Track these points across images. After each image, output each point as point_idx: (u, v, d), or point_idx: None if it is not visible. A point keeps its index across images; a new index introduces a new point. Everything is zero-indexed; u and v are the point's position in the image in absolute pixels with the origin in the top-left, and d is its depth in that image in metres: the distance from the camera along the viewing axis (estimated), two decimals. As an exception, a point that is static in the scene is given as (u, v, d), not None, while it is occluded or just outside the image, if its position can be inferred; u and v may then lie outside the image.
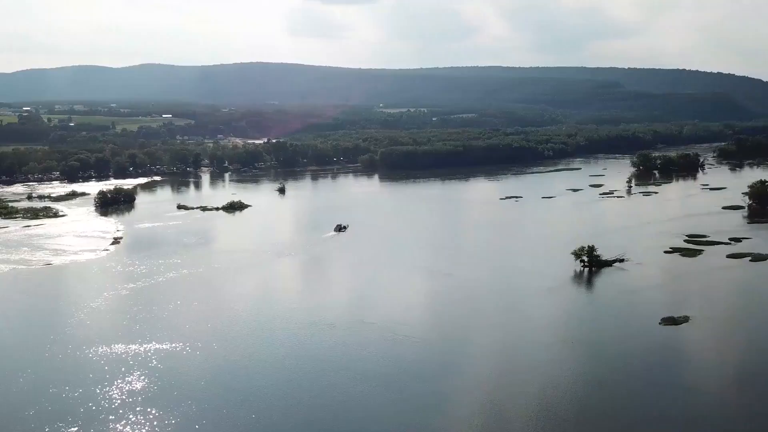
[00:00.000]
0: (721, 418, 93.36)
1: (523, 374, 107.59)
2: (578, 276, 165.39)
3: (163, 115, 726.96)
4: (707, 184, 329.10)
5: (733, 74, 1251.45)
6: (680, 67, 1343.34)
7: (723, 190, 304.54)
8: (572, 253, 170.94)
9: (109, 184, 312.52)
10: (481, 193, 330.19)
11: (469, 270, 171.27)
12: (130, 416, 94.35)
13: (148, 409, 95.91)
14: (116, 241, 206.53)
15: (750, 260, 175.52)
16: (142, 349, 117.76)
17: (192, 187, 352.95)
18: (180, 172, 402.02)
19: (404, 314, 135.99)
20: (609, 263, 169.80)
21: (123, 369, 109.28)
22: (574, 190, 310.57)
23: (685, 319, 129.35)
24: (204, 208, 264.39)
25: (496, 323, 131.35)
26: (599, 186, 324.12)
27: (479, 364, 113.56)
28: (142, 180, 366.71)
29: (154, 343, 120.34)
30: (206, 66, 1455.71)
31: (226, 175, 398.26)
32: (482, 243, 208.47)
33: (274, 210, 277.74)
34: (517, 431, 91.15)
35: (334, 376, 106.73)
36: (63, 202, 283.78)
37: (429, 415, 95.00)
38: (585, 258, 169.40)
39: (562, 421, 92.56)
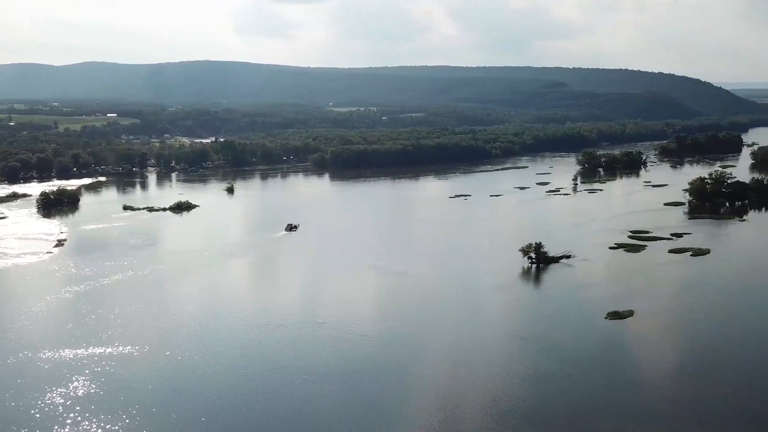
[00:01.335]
0: (665, 410, 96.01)
1: (473, 370, 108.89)
2: (526, 272, 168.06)
3: (108, 115, 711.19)
4: (650, 182, 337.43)
5: (673, 74, 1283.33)
6: (623, 67, 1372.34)
7: (665, 187, 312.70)
8: (520, 250, 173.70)
9: (52, 185, 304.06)
10: (431, 191, 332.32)
11: (419, 268, 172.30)
12: (75, 422, 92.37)
13: (94, 415, 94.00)
14: (60, 243, 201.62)
15: (691, 255, 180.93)
16: (87, 353, 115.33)
17: (138, 187, 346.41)
18: (125, 172, 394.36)
19: (356, 313, 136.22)
20: (556, 260, 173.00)
21: (67, 374, 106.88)
22: (522, 188, 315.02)
23: (630, 314, 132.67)
24: (151, 209, 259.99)
25: (446, 320, 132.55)
26: (546, 184, 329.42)
27: (431, 361, 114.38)
28: (87, 180, 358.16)
29: (99, 346, 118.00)
30: (152, 64, 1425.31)
31: (173, 175, 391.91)
32: (432, 241, 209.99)
33: (222, 210, 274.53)
34: (468, 426, 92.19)
35: (286, 376, 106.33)
36: (3, 204, 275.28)
37: (382, 412, 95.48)
38: (533, 255, 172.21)
39: (511, 415, 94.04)
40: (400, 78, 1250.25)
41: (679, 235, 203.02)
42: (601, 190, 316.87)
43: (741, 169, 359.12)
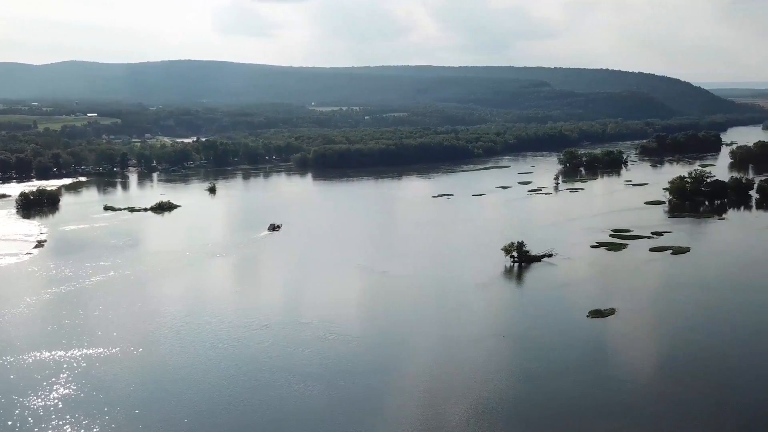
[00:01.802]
0: (647, 407, 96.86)
1: (457, 369, 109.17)
2: (508, 271, 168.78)
3: (88, 114, 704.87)
4: (630, 181, 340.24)
5: (653, 74, 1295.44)
6: (604, 67, 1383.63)
7: (645, 185, 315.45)
8: (502, 249, 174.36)
9: (32, 186, 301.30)
10: (414, 191, 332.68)
11: (403, 267, 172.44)
12: (56, 424, 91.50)
13: (75, 417, 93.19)
14: (40, 244, 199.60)
15: (671, 253, 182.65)
16: (67, 354, 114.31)
17: (119, 187, 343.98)
18: (106, 172, 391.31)
19: (340, 313, 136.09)
20: (538, 258, 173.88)
21: (48, 376, 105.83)
22: (504, 188, 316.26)
23: (612, 312, 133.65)
24: (132, 209, 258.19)
25: (430, 319, 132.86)
26: (528, 183, 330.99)
27: (414, 360, 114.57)
28: (67, 181, 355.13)
29: (80, 348, 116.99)
30: (133, 64, 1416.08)
31: (155, 175, 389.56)
32: (416, 240, 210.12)
33: (204, 210, 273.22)
34: (452, 424, 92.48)
35: (269, 377, 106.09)
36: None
37: (366, 412, 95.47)
38: (515, 254, 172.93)
39: (495, 413, 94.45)
40: (383, 78, 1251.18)
41: (659, 234, 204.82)
42: (582, 189, 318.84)
43: (720, 168, 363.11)
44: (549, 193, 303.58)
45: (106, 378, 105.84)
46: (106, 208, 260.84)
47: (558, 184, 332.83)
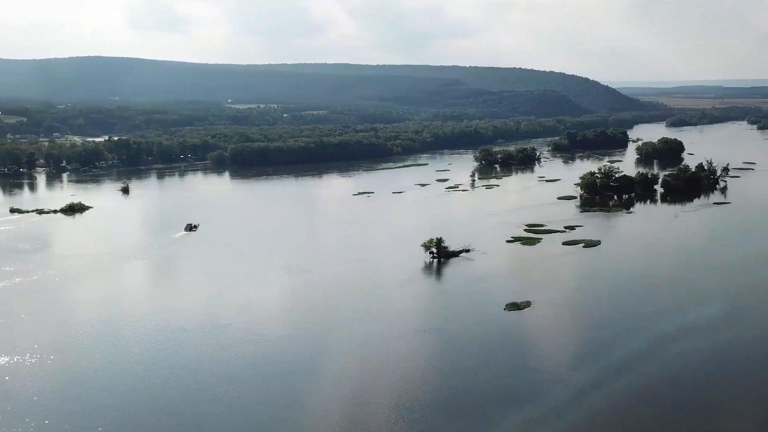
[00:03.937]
0: (562, 395, 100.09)
1: (379, 366, 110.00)
2: (428, 267, 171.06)
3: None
4: (543, 177, 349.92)
5: (564, 73, 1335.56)
6: (517, 66, 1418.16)
7: (557, 181, 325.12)
8: (422, 246, 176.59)
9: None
10: (334, 189, 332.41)
11: (324, 266, 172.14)
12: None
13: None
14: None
15: (583, 246, 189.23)
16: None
17: (26, 188, 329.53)
18: (12, 173, 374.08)
19: (260, 314, 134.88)
20: (456, 254, 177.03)
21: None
22: (422, 185, 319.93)
23: (528, 304, 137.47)
24: (40, 211, 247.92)
25: (351, 317, 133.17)
26: (445, 180, 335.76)
27: (337, 358, 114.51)
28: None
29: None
30: (40, 60, 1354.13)
31: (64, 176, 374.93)
32: (337, 239, 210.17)
33: (117, 211, 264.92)
34: (374, 420, 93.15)
35: (189, 381, 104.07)
36: None
37: (290, 412, 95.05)
38: (434, 250, 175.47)
39: (417, 408, 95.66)
40: (300, 75, 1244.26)
41: (571, 228, 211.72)
42: (497, 185, 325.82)
43: (627, 164, 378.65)
44: (466, 190, 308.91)
45: (14, 388, 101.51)
46: (12, 211, 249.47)
47: (474, 181, 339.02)
